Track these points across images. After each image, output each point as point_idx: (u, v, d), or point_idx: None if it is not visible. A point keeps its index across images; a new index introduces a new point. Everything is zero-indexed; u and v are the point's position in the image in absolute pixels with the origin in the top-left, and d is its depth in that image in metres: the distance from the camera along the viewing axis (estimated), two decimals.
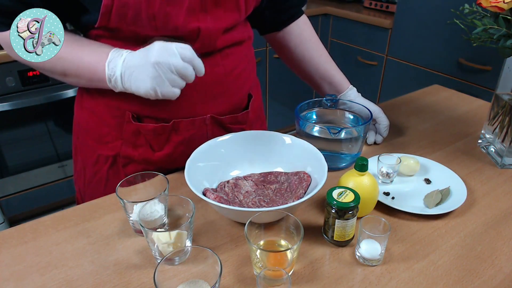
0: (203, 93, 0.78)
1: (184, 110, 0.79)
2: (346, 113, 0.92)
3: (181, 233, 0.59)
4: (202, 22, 0.72)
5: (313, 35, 0.98)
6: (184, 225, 0.59)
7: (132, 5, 0.65)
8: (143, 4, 0.65)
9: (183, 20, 0.69)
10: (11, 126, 1.82)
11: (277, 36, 0.97)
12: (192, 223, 0.61)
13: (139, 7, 0.66)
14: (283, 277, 0.56)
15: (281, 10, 0.92)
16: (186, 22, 0.70)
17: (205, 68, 0.72)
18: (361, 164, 0.67)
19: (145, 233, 0.60)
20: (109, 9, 0.65)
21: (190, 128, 0.80)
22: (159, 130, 0.79)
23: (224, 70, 0.79)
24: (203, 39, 0.73)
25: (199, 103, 0.79)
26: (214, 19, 0.73)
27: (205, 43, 0.74)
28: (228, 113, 0.85)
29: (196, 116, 0.80)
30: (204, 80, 0.75)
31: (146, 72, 0.66)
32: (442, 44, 1.94)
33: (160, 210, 0.65)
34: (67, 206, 1.72)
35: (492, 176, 0.85)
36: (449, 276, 0.61)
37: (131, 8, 0.65)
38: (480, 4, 0.75)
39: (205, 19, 0.72)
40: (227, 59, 0.79)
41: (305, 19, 0.97)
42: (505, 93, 0.88)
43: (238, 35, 0.81)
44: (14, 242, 0.67)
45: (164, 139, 0.80)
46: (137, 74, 0.67)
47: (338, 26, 2.50)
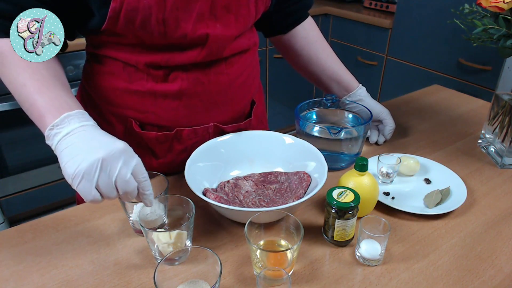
0: (206, 102, 0.77)
1: (187, 118, 0.78)
2: (346, 113, 0.92)
3: (181, 233, 0.59)
4: (211, 28, 0.70)
5: (319, 37, 0.97)
6: (184, 225, 0.59)
7: (142, 9, 0.64)
8: (154, 8, 0.64)
9: (192, 26, 0.68)
10: (11, 126, 1.82)
11: (282, 38, 0.96)
12: (192, 223, 0.61)
13: (149, 12, 0.64)
14: (283, 277, 0.56)
15: (287, 13, 0.92)
16: (195, 29, 0.68)
17: (210, 76, 0.70)
18: (361, 164, 0.67)
19: (145, 233, 0.60)
20: (117, 13, 0.64)
21: (192, 136, 0.80)
22: (162, 139, 0.78)
23: (228, 78, 0.78)
24: (211, 46, 0.72)
25: (202, 112, 0.78)
26: (223, 26, 0.72)
27: (212, 51, 0.73)
28: (231, 121, 0.84)
29: (199, 124, 0.79)
30: (208, 89, 0.75)
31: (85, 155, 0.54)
32: (442, 44, 1.94)
33: (160, 210, 0.65)
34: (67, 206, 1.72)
35: (492, 176, 0.85)
36: (449, 276, 0.61)
37: (141, 12, 0.64)
38: (480, 4, 0.75)
39: (214, 25, 0.70)
40: (232, 68, 0.78)
41: (311, 21, 0.97)
42: (505, 93, 0.88)
43: (245, 43, 0.80)
44: (14, 242, 0.67)
45: (166, 147, 0.80)
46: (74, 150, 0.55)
47: (338, 26, 2.50)
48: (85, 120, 0.58)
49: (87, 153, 0.53)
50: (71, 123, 0.56)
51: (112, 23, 0.65)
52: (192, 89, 0.75)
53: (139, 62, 0.71)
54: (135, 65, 0.72)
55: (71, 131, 0.56)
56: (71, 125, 0.56)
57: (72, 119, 0.57)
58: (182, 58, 0.71)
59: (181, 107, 0.75)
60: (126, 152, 0.55)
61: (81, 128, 0.56)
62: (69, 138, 0.55)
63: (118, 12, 0.64)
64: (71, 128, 0.56)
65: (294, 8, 0.92)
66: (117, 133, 0.80)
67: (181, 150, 0.81)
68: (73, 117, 0.57)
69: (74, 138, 0.55)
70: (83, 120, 0.58)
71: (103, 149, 0.53)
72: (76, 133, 0.56)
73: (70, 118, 0.57)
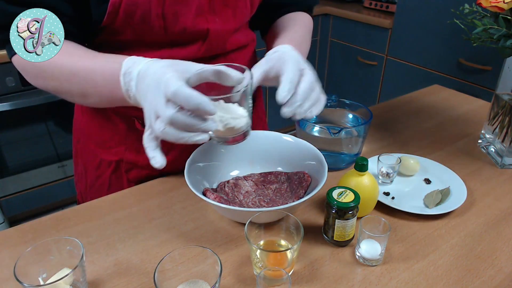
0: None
1: None
2: (346, 113, 0.92)
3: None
4: (212, 23, 0.71)
5: (302, 20, 0.86)
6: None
7: (141, 3, 0.64)
8: (153, 3, 0.64)
9: (192, 21, 0.68)
10: (11, 126, 1.82)
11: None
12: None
13: (148, 6, 0.64)
14: (283, 277, 0.56)
15: (278, 5, 0.88)
16: (195, 23, 0.69)
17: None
18: (361, 164, 0.67)
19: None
20: (117, 7, 0.64)
21: None
22: None
23: None
24: (211, 41, 0.72)
25: None
26: (223, 20, 0.72)
27: (212, 45, 0.73)
28: None
29: None
30: None
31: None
32: (442, 44, 1.94)
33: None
34: (67, 206, 1.72)
35: (492, 176, 0.85)
36: (449, 276, 0.61)
37: (140, 6, 0.64)
38: (480, 4, 0.75)
39: (214, 20, 0.71)
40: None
41: (304, 15, 0.89)
42: (505, 93, 0.88)
43: (243, 39, 0.80)
44: (14, 242, 0.67)
45: (168, 146, 0.80)
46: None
47: (338, 26, 2.51)
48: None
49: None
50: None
51: (111, 18, 0.65)
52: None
53: None
54: None
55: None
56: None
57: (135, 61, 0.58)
58: (182, 54, 0.71)
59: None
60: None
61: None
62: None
63: (117, 7, 0.64)
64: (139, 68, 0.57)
65: (288, 1, 0.88)
66: (120, 132, 0.80)
67: (183, 149, 0.81)
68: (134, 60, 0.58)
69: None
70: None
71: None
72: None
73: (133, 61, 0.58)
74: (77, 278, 0.55)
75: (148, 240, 0.67)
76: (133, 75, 0.58)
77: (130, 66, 0.58)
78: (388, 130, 1.02)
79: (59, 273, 0.56)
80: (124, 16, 0.65)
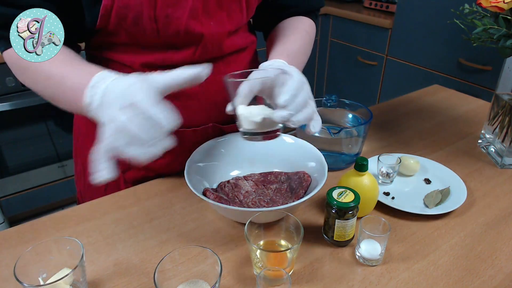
0: (205, 102, 0.77)
1: (186, 119, 0.77)
2: (346, 113, 0.92)
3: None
4: (206, 26, 0.70)
5: (303, 28, 0.85)
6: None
7: (133, 6, 0.64)
8: (145, 5, 0.64)
9: (185, 24, 0.68)
10: (11, 126, 1.82)
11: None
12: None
13: (140, 9, 0.64)
14: (283, 277, 0.56)
15: (281, 7, 0.87)
16: (189, 26, 0.68)
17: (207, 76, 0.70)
18: (361, 164, 0.67)
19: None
20: (109, 10, 0.64)
21: (192, 138, 0.79)
22: None
23: None
24: (206, 44, 0.72)
25: (201, 112, 0.78)
26: (217, 23, 0.72)
27: (208, 49, 0.73)
28: (231, 121, 0.84)
29: (198, 125, 0.79)
30: (207, 88, 0.75)
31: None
32: (442, 44, 1.94)
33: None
34: (67, 206, 1.72)
35: (492, 176, 0.85)
36: (449, 276, 0.61)
37: (132, 9, 0.64)
38: (480, 4, 0.75)
39: (208, 23, 0.70)
40: (229, 67, 0.78)
41: (308, 20, 0.88)
42: (505, 93, 0.88)
43: (241, 41, 0.79)
44: (14, 242, 0.67)
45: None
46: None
47: (338, 26, 2.50)
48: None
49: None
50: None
51: (104, 21, 0.65)
52: (190, 89, 0.74)
53: (134, 63, 0.71)
54: (131, 66, 0.72)
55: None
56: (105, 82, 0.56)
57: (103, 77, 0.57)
58: (177, 57, 0.71)
59: (180, 108, 0.75)
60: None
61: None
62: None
63: (109, 10, 0.64)
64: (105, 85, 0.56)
65: (288, 3, 0.87)
66: None
67: (180, 151, 0.81)
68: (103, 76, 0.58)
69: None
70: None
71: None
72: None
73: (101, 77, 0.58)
74: (77, 278, 0.55)
75: (148, 240, 0.67)
76: (100, 89, 0.57)
77: (99, 80, 0.57)
78: (388, 130, 1.03)
79: (59, 273, 0.56)
80: (117, 19, 0.65)
